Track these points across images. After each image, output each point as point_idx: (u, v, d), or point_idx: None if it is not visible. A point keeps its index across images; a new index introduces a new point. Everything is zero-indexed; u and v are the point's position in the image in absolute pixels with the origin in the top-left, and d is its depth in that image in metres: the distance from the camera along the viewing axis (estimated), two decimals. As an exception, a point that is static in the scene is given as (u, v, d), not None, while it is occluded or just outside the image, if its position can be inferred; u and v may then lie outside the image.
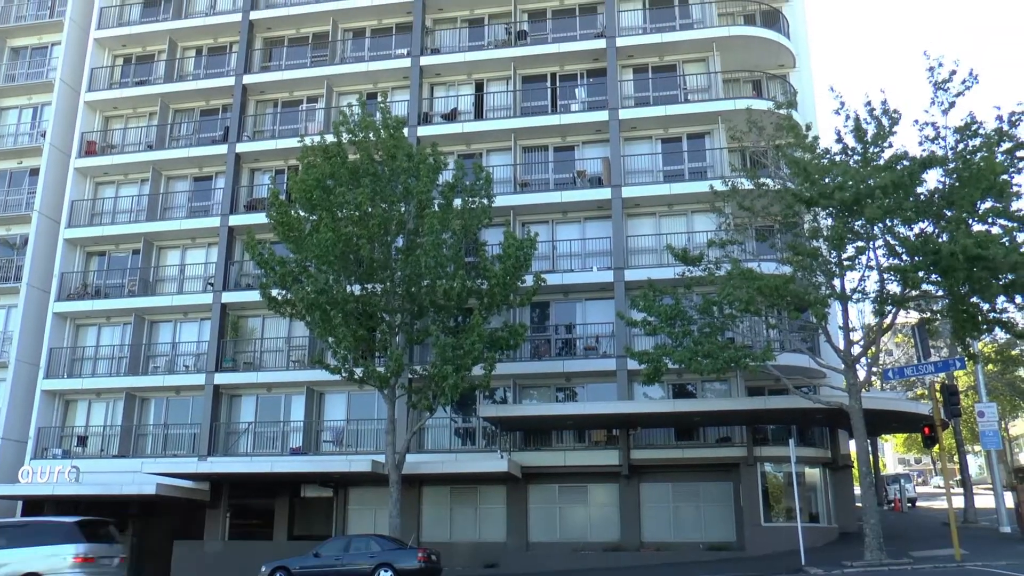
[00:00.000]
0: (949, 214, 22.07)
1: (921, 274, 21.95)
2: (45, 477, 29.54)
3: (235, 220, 33.10)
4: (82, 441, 32.97)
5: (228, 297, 32.45)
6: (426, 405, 25.51)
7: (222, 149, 34.31)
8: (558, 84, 33.51)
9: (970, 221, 21.88)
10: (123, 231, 34.48)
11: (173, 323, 33.84)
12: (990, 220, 22.16)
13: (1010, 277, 21.28)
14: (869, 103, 23.41)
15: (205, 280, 33.53)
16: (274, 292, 26.12)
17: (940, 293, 23.28)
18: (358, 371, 25.32)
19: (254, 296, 29.74)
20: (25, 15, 39.76)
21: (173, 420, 32.59)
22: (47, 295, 34.29)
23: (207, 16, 37.09)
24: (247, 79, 34.92)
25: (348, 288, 25.64)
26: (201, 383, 31.67)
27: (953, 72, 22.62)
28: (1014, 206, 21.96)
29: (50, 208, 35.59)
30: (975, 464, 66.87)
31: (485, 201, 27.17)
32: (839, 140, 23.87)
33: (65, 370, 33.53)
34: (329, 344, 25.72)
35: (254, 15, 35.83)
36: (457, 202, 26.77)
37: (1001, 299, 22.41)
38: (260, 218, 30.78)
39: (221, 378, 31.66)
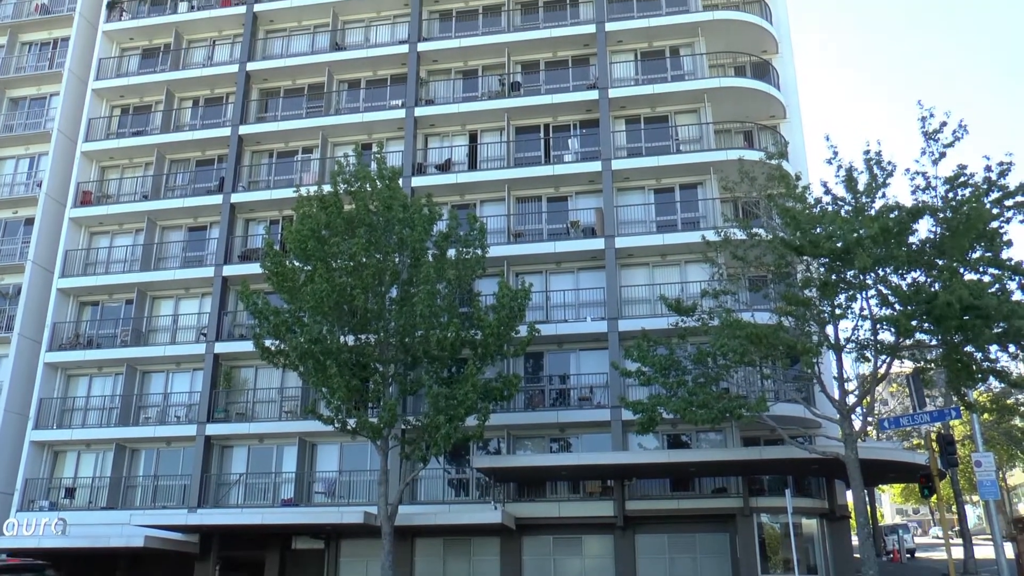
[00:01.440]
0: (941, 263, 22.17)
1: (914, 323, 21.98)
2: (31, 530, 28.73)
3: (229, 270, 33.11)
4: (70, 493, 32.49)
5: (221, 347, 32.30)
6: (419, 456, 25.27)
7: (217, 199, 34.40)
8: (551, 135, 33.82)
9: (961, 270, 21.97)
10: (117, 281, 34.37)
11: (165, 373, 33.62)
12: (981, 269, 22.27)
13: (1002, 326, 21.29)
14: (868, 152, 23.63)
15: (198, 330, 33.39)
16: (267, 342, 26.00)
17: (934, 342, 23.27)
18: (351, 422, 25.08)
19: (247, 346, 29.60)
20: (25, 66, 40.19)
21: (163, 471, 32.18)
22: (39, 345, 34.09)
23: (204, 67, 37.53)
24: (243, 130, 35.19)
25: (342, 338, 25.53)
26: (192, 434, 31.36)
27: (944, 123, 22.83)
28: (1004, 254, 22.09)
29: (44, 258, 35.59)
30: (973, 514, 66.33)
31: (479, 251, 27.13)
32: (827, 191, 24.05)
33: (55, 421, 33.20)
34: (323, 394, 25.51)
35: (251, 66, 36.23)
36: (451, 252, 26.78)
37: (994, 348, 22.42)
38: (254, 268, 30.79)
39: (213, 429, 31.38)
